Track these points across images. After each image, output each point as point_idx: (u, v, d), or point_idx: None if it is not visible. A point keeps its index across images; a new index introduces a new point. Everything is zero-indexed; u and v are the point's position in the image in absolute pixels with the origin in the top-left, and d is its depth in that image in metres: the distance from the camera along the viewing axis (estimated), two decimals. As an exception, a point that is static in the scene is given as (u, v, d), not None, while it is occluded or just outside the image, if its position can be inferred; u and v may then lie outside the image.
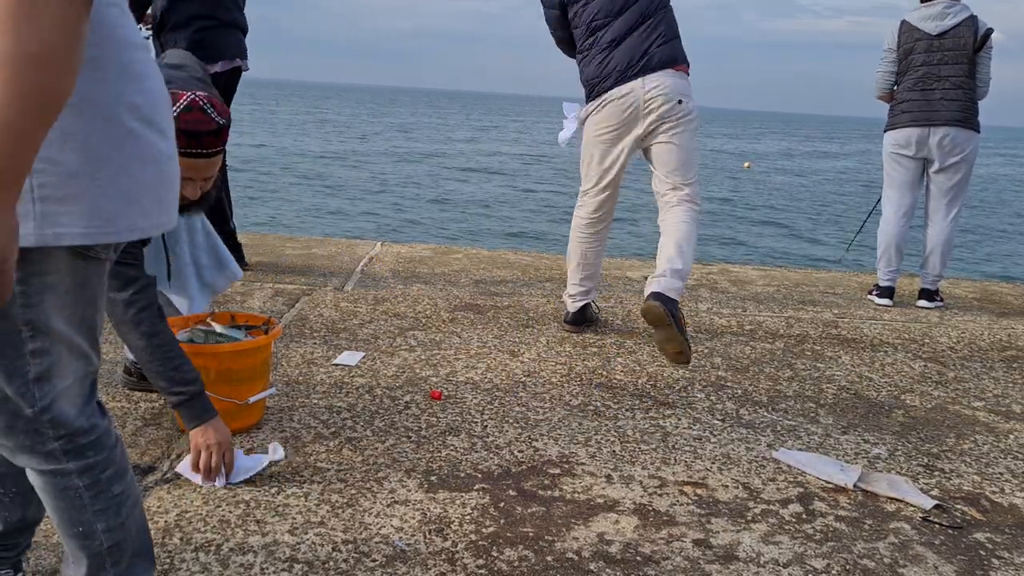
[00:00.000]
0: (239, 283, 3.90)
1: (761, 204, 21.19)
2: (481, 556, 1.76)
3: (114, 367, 2.73)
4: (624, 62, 3.20)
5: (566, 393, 2.77)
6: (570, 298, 3.51)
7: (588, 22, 3.27)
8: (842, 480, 2.22)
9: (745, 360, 3.25)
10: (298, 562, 1.70)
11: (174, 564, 1.66)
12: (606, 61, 3.23)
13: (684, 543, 1.87)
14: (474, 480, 2.11)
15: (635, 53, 3.20)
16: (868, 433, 2.61)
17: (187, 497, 1.93)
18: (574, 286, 3.49)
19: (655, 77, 3.17)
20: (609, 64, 3.22)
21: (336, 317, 3.46)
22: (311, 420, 2.41)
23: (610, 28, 3.24)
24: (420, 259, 4.78)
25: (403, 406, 2.56)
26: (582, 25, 3.30)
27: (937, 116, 4.17)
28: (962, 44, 4.14)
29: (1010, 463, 2.45)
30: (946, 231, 4.34)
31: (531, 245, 12.49)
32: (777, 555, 1.85)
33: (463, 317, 3.59)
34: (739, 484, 2.19)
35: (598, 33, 3.26)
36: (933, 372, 3.28)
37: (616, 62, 3.21)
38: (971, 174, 4.30)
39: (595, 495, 2.07)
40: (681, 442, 2.43)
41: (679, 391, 2.86)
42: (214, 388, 2.19)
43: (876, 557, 1.87)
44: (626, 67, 3.20)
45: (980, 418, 2.81)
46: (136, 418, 2.36)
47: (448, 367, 2.94)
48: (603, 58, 3.24)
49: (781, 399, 2.85)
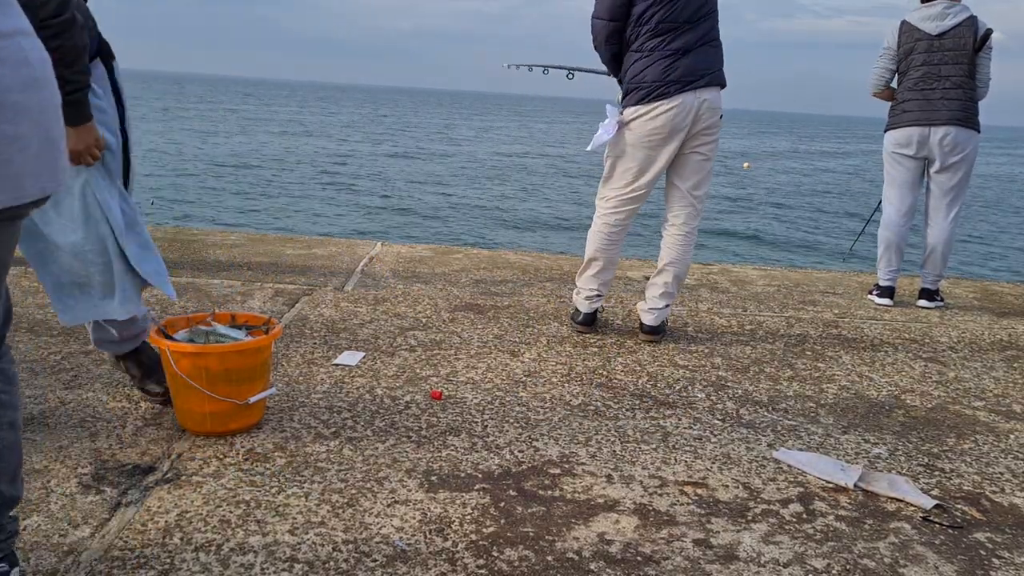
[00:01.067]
0: (239, 283, 3.90)
1: (761, 204, 21.19)
2: (481, 556, 1.76)
3: (114, 367, 2.73)
4: (689, 72, 3.18)
5: (566, 393, 2.77)
6: (587, 300, 3.46)
7: (661, 20, 3.16)
8: (842, 480, 2.22)
9: (745, 360, 3.26)
10: (298, 562, 1.70)
11: (174, 564, 1.67)
12: (672, 68, 3.17)
13: (684, 543, 1.87)
14: (474, 480, 2.11)
15: (699, 66, 3.19)
16: (868, 433, 2.61)
17: (187, 497, 1.93)
18: (592, 289, 3.44)
19: (708, 92, 3.22)
20: (675, 72, 3.17)
21: (336, 317, 3.46)
22: (311, 420, 2.41)
23: (681, 35, 3.17)
24: (420, 259, 4.78)
25: (403, 406, 2.56)
26: (650, 23, 3.18)
27: (937, 116, 4.17)
28: (962, 44, 4.14)
29: (1010, 463, 2.45)
30: (946, 231, 4.34)
31: (532, 245, 12.50)
32: (777, 555, 1.85)
33: (463, 317, 3.59)
34: (739, 484, 2.19)
35: (666, 36, 3.17)
36: (933, 372, 3.28)
37: (682, 71, 3.17)
38: (971, 174, 4.30)
39: (595, 495, 2.07)
40: (681, 442, 2.43)
41: (679, 391, 2.86)
42: (214, 388, 2.19)
43: (876, 557, 1.87)
44: (690, 78, 3.18)
45: (980, 418, 2.81)
46: (136, 418, 2.36)
47: (448, 367, 2.94)
48: (669, 63, 3.17)
49: (781, 399, 2.85)
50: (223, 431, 2.25)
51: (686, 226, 3.38)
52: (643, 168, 3.29)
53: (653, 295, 3.41)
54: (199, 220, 14.65)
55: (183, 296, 3.61)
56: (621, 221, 3.39)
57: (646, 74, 3.20)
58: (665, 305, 3.41)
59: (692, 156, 3.30)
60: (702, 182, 3.36)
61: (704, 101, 3.20)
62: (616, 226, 3.39)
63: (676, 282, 3.40)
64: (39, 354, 2.82)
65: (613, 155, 3.35)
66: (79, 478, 1.99)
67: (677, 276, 3.39)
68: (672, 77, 3.17)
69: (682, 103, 3.17)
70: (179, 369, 2.18)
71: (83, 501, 1.89)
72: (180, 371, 2.18)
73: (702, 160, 3.32)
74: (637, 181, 3.31)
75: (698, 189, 3.36)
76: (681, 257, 3.38)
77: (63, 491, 1.93)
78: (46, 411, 2.36)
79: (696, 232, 3.42)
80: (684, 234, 3.38)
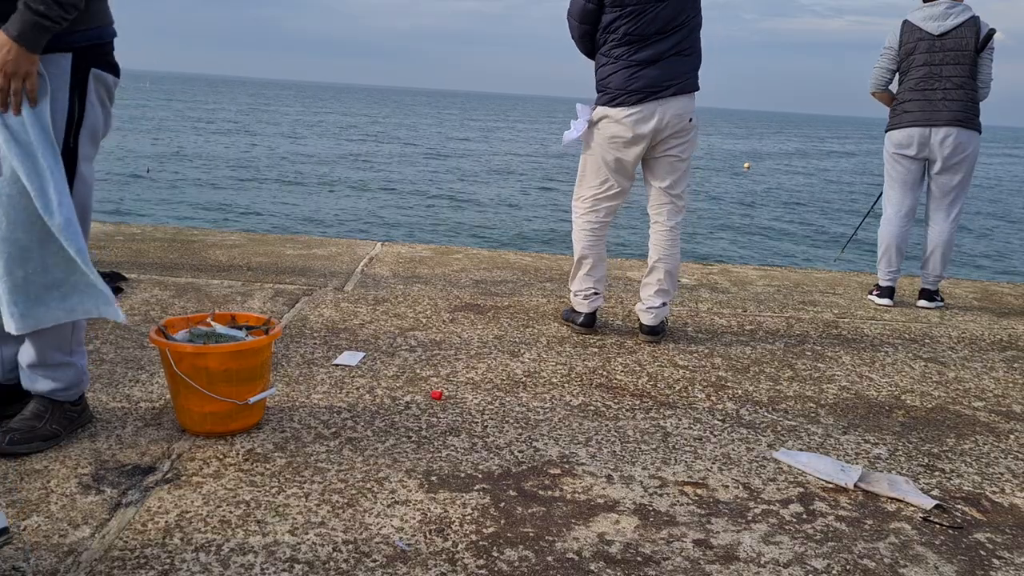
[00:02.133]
0: (239, 283, 3.91)
1: (761, 204, 21.19)
2: (481, 556, 1.76)
3: (114, 367, 2.73)
4: (653, 83, 3.21)
5: (566, 393, 2.77)
6: (585, 300, 3.45)
7: (628, 32, 3.19)
8: (842, 480, 2.22)
9: (745, 360, 3.25)
10: (298, 562, 1.70)
11: (174, 564, 1.67)
12: (637, 77, 3.20)
13: (684, 543, 1.87)
14: (474, 480, 2.11)
15: (665, 76, 3.22)
16: (868, 433, 2.61)
17: (187, 497, 1.93)
18: (588, 288, 3.45)
19: (675, 100, 3.24)
20: (638, 82, 3.20)
21: (336, 317, 3.46)
22: (311, 420, 2.41)
23: (650, 46, 3.20)
24: (420, 259, 4.78)
25: (403, 406, 2.56)
26: (617, 32, 3.21)
27: (938, 116, 4.17)
28: (964, 45, 4.14)
29: (1010, 463, 2.45)
30: (947, 231, 4.34)
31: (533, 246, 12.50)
32: (777, 555, 1.85)
33: (463, 317, 3.59)
34: (739, 484, 2.19)
35: (634, 46, 3.20)
36: (933, 372, 3.28)
37: (646, 81, 3.20)
38: (972, 174, 4.30)
39: (595, 495, 2.07)
40: (681, 442, 2.43)
41: (679, 391, 2.86)
42: (214, 388, 2.19)
43: (876, 557, 1.87)
44: (653, 88, 3.21)
45: (980, 418, 2.81)
46: (136, 418, 2.36)
47: (448, 367, 2.94)
48: (633, 72, 3.21)
49: (781, 399, 2.85)
50: (223, 431, 2.25)
51: (669, 222, 3.42)
52: (613, 168, 3.34)
53: (648, 294, 3.43)
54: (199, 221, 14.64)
55: (183, 296, 3.61)
56: (601, 219, 3.43)
57: (611, 80, 3.27)
58: (662, 303, 3.41)
59: (665, 158, 3.35)
60: (678, 182, 3.39)
61: (669, 110, 3.24)
62: (597, 223, 3.42)
63: (669, 278, 3.42)
64: (39, 354, 2.82)
65: (585, 154, 3.42)
66: (79, 478, 1.99)
67: (669, 272, 3.42)
68: (634, 87, 3.21)
69: (643, 112, 3.22)
70: (179, 369, 2.18)
71: (83, 501, 1.89)
72: (180, 371, 2.18)
73: (676, 161, 3.35)
74: (610, 180, 3.37)
75: (675, 188, 3.40)
76: (669, 253, 3.41)
77: (63, 491, 1.93)
78: (46, 411, 2.36)
79: (681, 227, 3.46)
80: (668, 230, 3.41)
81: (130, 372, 2.71)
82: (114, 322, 3.20)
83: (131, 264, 4.15)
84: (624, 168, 3.34)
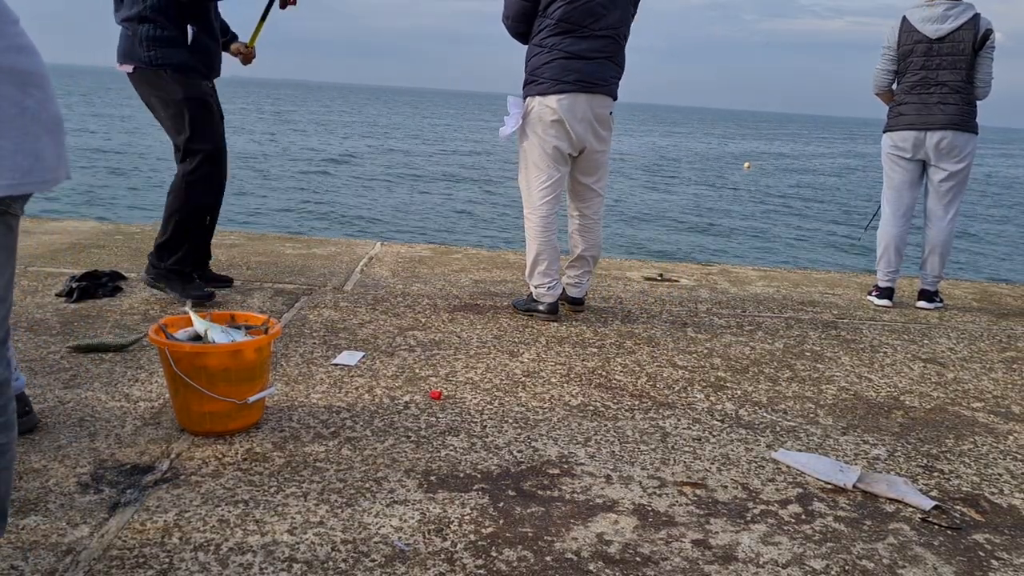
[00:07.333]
0: (239, 283, 3.91)
1: (761, 204, 21.19)
2: (480, 556, 1.76)
3: (113, 366, 2.73)
4: (585, 77, 3.39)
5: (566, 393, 2.77)
6: (548, 291, 3.59)
7: (563, 20, 3.35)
8: (841, 481, 2.22)
9: (745, 360, 3.25)
10: (297, 562, 1.70)
11: (173, 564, 1.66)
12: (568, 70, 3.38)
13: (683, 543, 1.87)
14: (473, 480, 2.11)
15: (596, 74, 3.41)
16: (867, 434, 2.61)
17: (186, 497, 1.93)
18: (549, 280, 3.59)
19: (600, 99, 3.46)
20: (570, 74, 3.39)
21: (336, 317, 3.46)
22: (311, 420, 2.41)
23: (582, 40, 3.37)
24: (420, 259, 4.78)
25: (402, 406, 2.56)
26: (553, 16, 3.37)
27: (934, 120, 4.17)
28: (961, 48, 4.13)
29: (1009, 464, 2.45)
30: (945, 232, 4.34)
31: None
32: (776, 556, 1.85)
33: (463, 317, 3.59)
34: (738, 484, 2.19)
35: (567, 36, 3.37)
36: (932, 373, 3.28)
37: (577, 75, 3.39)
38: (969, 175, 4.30)
39: (594, 495, 2.07)
40: (680, 442, 2.43)
41: (679, 391, 2.86)
42: (214, 388, 2.19)
43: (875, 558, 1.87)
44: (587, 82, 3.40)
45: (979, 419, 2.81)
46: (136, 418, 2.36)
47: (448, 367, 2.94)
48: (565, 64, 3.38)
49: (780, 400, 2.85)
50: (222, 431, 2.25)
51: (596, 215, 3.69)
52: (553, 156, 3.49)
53: (575, 274, 3.75)
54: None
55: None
56: (551, 211, 3.59)
57: (543, 71, 3.43)
58: (587, 280, 3.77)
59: (592, 155, 3.56)
60: (603, 175, 3.67)
61: (596, 104, 3.45)
62: (548, 216, 3.59)
63: (594, 261, 3.75)
64: (38, 353, 2.82)
65: (524, 147, 3.56)
66: (78, 478, 1.99)
67: (595, 257, 3.74)
68: (568, 79, 3.39)
69: (574, 101, 3.40)
70: (178, 368, 2.18)
71: (82, 501, 1.89)
72: (179, 370, 2.18)
73: (599, 154, 3.58)
74: (552, 167, 3.51)
75: (601, 181, 3.68)
76: (596, 241, 3.71)
77: (61, 491, 1.93)
78: (44, 411, 2.36)
79: (601, 210, 3.75)
80: (595, 221, 3.69)
81: (129, 371, 2.71)
82: (113, 321, 3.21)
83: (131, 264, 4.15)
84: (562, 156, 3.51)
